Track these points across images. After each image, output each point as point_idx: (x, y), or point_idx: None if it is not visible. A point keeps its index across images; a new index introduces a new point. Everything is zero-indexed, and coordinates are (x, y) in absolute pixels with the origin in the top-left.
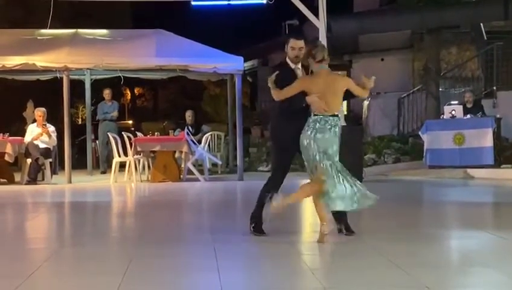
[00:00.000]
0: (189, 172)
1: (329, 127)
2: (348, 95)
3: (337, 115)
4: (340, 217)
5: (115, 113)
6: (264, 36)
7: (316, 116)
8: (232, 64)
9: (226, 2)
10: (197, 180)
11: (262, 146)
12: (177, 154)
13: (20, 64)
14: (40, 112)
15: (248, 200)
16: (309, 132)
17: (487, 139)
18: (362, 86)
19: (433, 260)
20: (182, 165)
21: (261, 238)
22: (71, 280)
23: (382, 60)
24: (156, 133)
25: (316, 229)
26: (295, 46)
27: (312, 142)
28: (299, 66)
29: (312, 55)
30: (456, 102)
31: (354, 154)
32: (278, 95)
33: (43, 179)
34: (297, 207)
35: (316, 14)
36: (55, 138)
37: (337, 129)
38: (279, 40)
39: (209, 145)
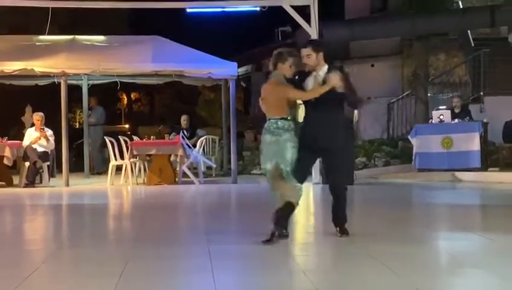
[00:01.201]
0: (185, 175)
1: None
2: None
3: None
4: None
5: (91, 119)
6: (257, 42)
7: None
8: (226, 69)
9: (220, 9)
10: (192, 183)
11: (255, 149)
12: (172, 158)
13: (19, 69)
14: (38, 117)
15: (242, 203)
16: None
17: (474, 143)
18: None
19: (423, 261)
20: (177, 168)
21: (254, 240)
22: (68, 281)
23: (372, 65)
24: (151, 137)
25: (308, 230)
26: (302, 54)
27: None
28: (317, 73)
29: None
30: (444, 107)
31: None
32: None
33: (41, 182)
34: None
35: (308, 21)
36: (52, 142)
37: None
38: (272, 46)
39: (203, 148)
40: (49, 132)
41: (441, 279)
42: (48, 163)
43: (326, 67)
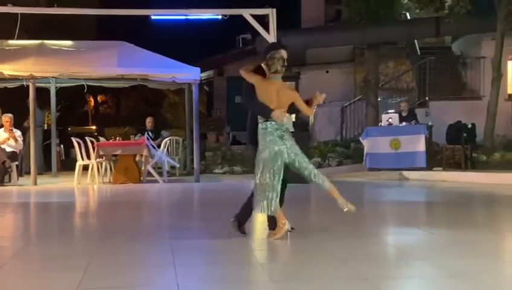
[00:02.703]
0: (149, 174)
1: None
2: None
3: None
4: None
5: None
6: (219, 48)
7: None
8: (189, 74)
9: (184, 17)
10: (156, 182)
11: (217, 150)
12: (137, 158)
13: None
14: (7, 118)
15: (204, 200)
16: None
17: (420, 144)
18: (311, 101)
19: (372, 254)
20: (142, 168)
21: (216, 235)
22: (35, 275)
23: (327, 72)
24: (117, 138)
25: (266, 226)
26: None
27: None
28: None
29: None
30: (393, 111)
31: None
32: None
33: (9, 181)
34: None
35: (267, 29)
36: (21, 142)
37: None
38: (233, 52)
39: (168, 149)
40: (17, 133)
41: (388, 270)
42: (17, 163)
43: None
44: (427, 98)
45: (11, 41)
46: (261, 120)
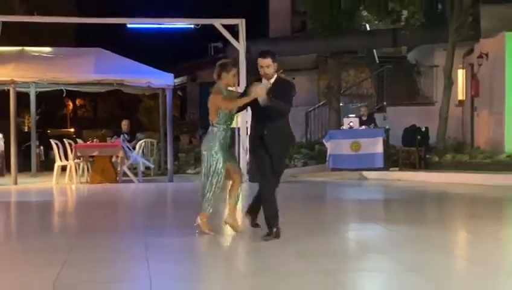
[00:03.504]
0: (125, 175)
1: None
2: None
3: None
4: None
5: None
6: (192, 56)
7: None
8: (163, 80)
9: (157, 26)
10: (131, 181)
11: (190, 151)
12: (113, 159)
13: None
14: None
15: (177, 199)
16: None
17: (378, 146)
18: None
19: (333, 249)
20: (118, 169)
21: (187, 232)
22: (16, 269)
23: (293, 78)
24: (94, 140)
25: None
26: (262, 64)
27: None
28: (269, 81)
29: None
30: (354, 115)
31: None
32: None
33: None
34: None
35: (237, 38)
36: (2, 144)
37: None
38: (205, 59)
39: (143, 150)
40: None
41: (347, 263)
42: None
43: (275, 76)
44: (384, 103)
45: None
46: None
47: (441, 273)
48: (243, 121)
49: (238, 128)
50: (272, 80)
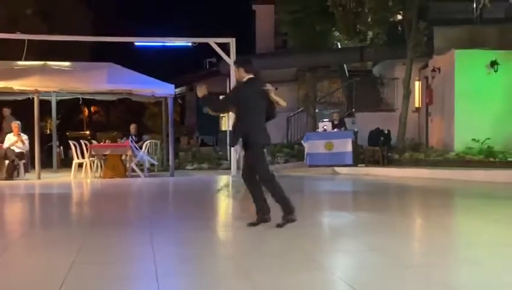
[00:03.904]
0: (133, 170)
1: None
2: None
3: None
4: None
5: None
6: (190, 69)
7: None
8: (166, 89)
9: (161, 44)
10: (138, 176)
11: (188, 151)
12: (123, 157)
13: (1, 87)
14: (15, 124)
15: (178, 191)
16: None
17: (348, 146)
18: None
19: (309, 232)
20: (127, 165)
21: (187, 218)
22: (38, 253)
23: (276, 88)
24: (107, 141)
25: (228, 211)
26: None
27: None
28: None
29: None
30: (327, 120)
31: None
32: None
33: (18, 176)
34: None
35: (229, 54)
36: (27, 144)
37: None
38: (201, 72)
39: (148, 150)
40: (24, 137)
41: (324, 244)
42: (24, 161)
43: (246, 79)
44: (353, 110)
45: (19, 62)
46: None
47: (398, 252)
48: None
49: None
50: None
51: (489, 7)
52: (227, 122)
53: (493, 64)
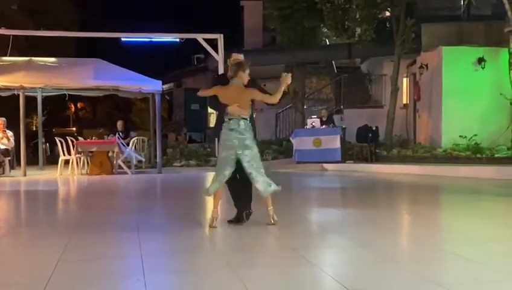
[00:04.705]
0: (120, 167)
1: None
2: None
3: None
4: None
5: None
6: (178, 65)
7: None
8: (153, 86)
9: (148, 39)
10: (125, 173)
11: (176, 147)
12: (110, 154)
13: None
14: (1, 121)
15: (165, 188)
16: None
17: (336, 143)
18: (280, 83)
19: (298, 229)
20: (114, 162)
21: (174, 215)
22: (24, 250)
23: (265, 85)
24: (93, 137)
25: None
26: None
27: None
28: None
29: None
30: (315, 116)
31: None
32: None
33: (3, 173)
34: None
35: (216, 51)
36: (13, 141)
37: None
38: (189, 68)
39: (135, 146)
40: (10, 133)
41: (311, 241)
42: (9, 158)
43: (248, 78)
44: (342, 106)
45: (4, 58)
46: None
47: (386, 248)
48: None
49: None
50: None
51: (475, 4)
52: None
53: (480, 60)
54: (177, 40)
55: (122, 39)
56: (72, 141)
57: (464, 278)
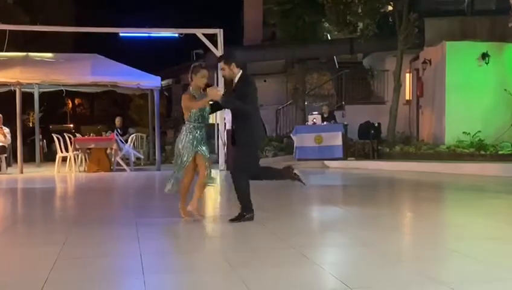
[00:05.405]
0: (118, 164)
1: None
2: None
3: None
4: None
5: None
6: (177, 61)
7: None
8: (152, 82)
9: (146, 34)
10: (124, 170)
11: (175, 144)
12: (108, 151)
13: None
14: None
15: (164, 185)
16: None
17: (338, 140)
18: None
19: (299, 227)
20: (112, 159)
21: (173, 213)
22: (22, 248)
23: (265, 81)
24: (91, 134)
25: (215, 206)
26: (219, 68)
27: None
28: (234, 80)
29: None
30: (316, 112)
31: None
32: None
33: (0, 170)
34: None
35: (216, 46)
36: (9, 138)
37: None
38: (188, 64)
39: (134, 143)
40: (6, 130)
41: (312, 239)
42: (6, 155)
43: (240, 74)
44: (343, 102)
45: (0, 53)
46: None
47: (388, 245)
48: (221, 117)
49: (217, 124)
50: (235, 80)
51: None
52: (215, 116)
53: (484, 56)
54: (176, 35)
55: (120, 34)
56: (70, 138)
57: (467, 276)
